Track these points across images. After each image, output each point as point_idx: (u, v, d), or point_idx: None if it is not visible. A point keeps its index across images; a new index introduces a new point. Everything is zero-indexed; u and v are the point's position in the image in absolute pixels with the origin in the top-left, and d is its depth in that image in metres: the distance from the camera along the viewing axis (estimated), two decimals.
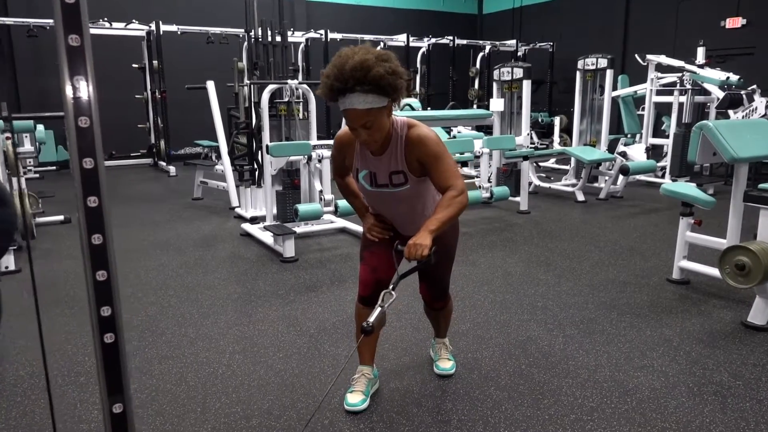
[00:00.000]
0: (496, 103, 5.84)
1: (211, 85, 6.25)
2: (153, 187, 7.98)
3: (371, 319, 1.86)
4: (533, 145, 11.30)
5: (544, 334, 2.91)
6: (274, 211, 4.92)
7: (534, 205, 6.13)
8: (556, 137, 8.87)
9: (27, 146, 5.45)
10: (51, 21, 8.49)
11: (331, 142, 4.50)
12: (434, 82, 12.02)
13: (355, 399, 2.24)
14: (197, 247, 4.70)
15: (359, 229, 5.00)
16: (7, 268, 4.06)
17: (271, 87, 4.81)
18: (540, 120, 11.70)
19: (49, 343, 2.90)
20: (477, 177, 5.85)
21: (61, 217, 5.71)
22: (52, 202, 6.61)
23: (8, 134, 5.11)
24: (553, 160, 8.76)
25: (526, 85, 5.53)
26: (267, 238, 4.60)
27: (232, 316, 3.21)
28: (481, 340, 2.85)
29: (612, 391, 2.35)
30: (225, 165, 6.16)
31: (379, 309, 1.90)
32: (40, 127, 6.36)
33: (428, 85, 12.01)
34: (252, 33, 5.55)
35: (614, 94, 8.12)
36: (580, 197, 6.40)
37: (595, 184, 6.84)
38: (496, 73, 6.09)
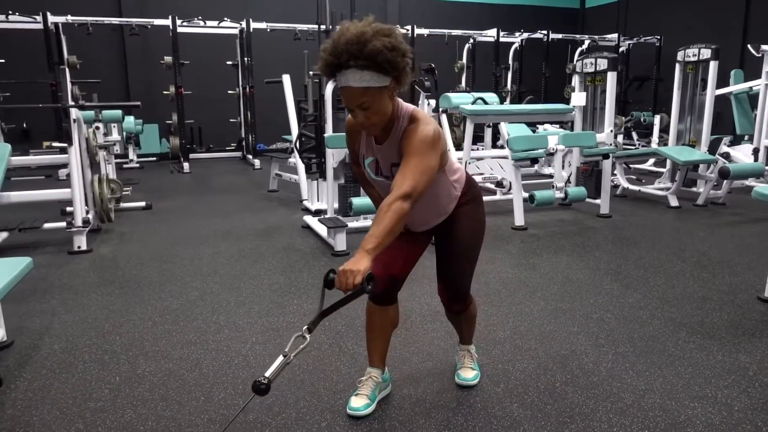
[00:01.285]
0: (578, 97, 5.40)
1: (286, 79, 6.32)
2: (236, 179, 8.25)
3: (268, 372, 1.53)
4: (631, 146, 10.51)
5: (592, 350, 2.58)
6: (335, 204, 4.86)
7: (618, 209, 5.61)
8: (654, 137, 8.14)
9: (114, 135, 5.82)
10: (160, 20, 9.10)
11: None
12: (526, 79, 11.51)
13: (359, 403, 2.08)
14: (257, 236, 4.75)
15: None
16: (79, 247, 4.31)
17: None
18: (642, 119, 10.83)
19: (90, 318, 3.00)
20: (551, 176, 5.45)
21: (143, 203, 6.04)
22: (139, 190, 7.03)
23: (98, 124, 5.45)
24: (651, 161, 8.03)
25: (611, 77, 5.05)
26: (323, 230, 4.55)
27: (267, 306, 3.16)
28: (517, 351, 2.58)
29: (657, 422, 2.01)
30: (297, 158, 6.21)
31: (280, 359, 1.57)
32: (129, 119, 6.75)
33: (519, 81, 11.52)
34: (323, 26, 5.54)
35: (726, 90, 7.30)
36: (674, 202, 5.77)
37: (693, 189, 6.15)
38: (578, 64, 5.64)
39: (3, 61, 9.01)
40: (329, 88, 4.78)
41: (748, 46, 6.76)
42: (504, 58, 11.30)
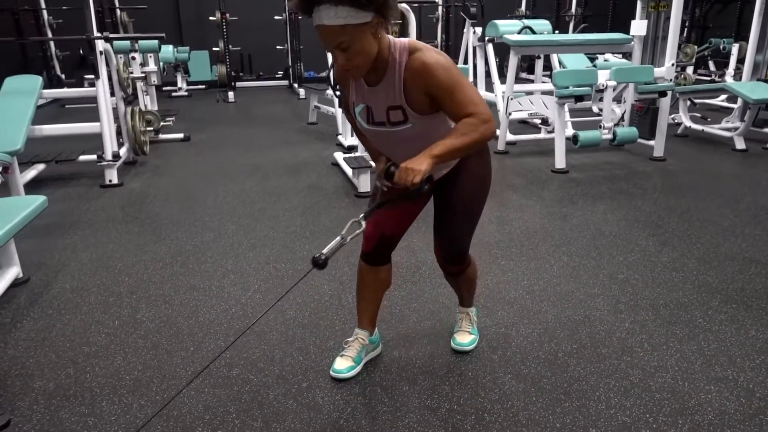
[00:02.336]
0: (637, 26, 4.83)
1: None
2: (279, 110, 8.16)
3: (325, 249, 1.59)
4: (707, 77, 9.58)
5: (608, 316, 2.38)
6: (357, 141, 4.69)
7: (675, 151, 5.15)
8: (730, 69, 7.34)
9: (151, 66, 5.78)
10: None
11: None
12: (593, 2, 10.56)
13: (342, 365, 2.00)
14: (284, 173, 4.67)
15: None
16: (110, 181, 4.38)
17: None
18: (722, 47, 9.79)
19: (105, 257, 3.05)
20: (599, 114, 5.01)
21: (181, 135, 6.06)
22: (183, 120, 7.06)
23: (134, 55, 5.41)
24: (723, 96, 7.29)
25: (676, 2, 4.46)
26: (349, 169, 4.41)
27: (277, 251, 3.11)
28: (524, 314, 2.42)
29: (662, 406, 1.83)
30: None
31: (338, 239, 1.62)
32: (168, 48, 6.68)
33: (585, 5, 10.59)
34: None
35: None
36: (740, 145, 5.23)
37: (766, 130, 5.55)
38: None
39: None
40: None
41: None
42: None
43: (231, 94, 8.97)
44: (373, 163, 2.15)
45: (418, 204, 1.98)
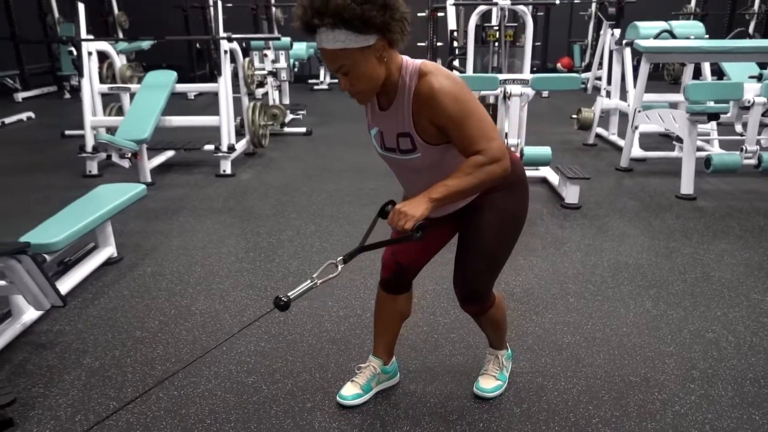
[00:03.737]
0: None
1: (451, 9, 5.88)
2: None
3: (292, 292, 1.50)
4: None
5: (673, 384, 2.02)
6: None
7: None
8: None
9: (281, 62, 6.12)
10: None
11: (521, 75, 3.83)
12: None
13: (349, 391, 1.94)
14: (385, 175, 4.66)
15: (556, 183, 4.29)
16: (224, 171, 4.72)
17: (479, 8, 4.25)
18: None
19: (191, 245, 3.29)
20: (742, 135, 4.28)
21: (303, 129, 6.34)
22: (313, 114, 7.39)
23: (266, 52, 5.76)
24: None
25: None
26: None
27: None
28: (572, 364, 2.14)
29: None
30: None
31: (308, 281, 1.54)
32: (301, 45, 7.00)
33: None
34: None
35: None
36: None
37: None
38: None
39: None
40: (473, 19, 4.32)
41: None
42: None
43: None
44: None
45: (441, 233, 1.84)
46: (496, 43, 4.62)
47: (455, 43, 5.41)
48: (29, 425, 1.85)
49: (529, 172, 4.33)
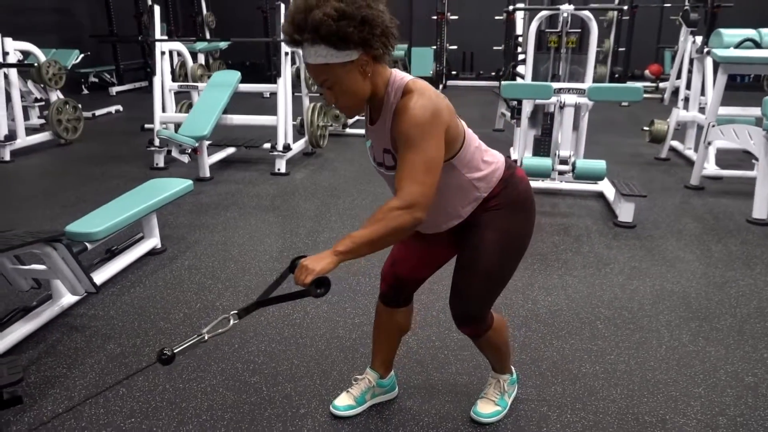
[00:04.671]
0: None
1: (520, 15, 5.71)
2: (473, 112, 8.04)
3: (177, 347, 1.42)
4: None
5: (691, 427, 1.85)
6: (527, 155, 4.38)
7: None
8: None
9: None
10: None
11: (579, 85, 3.65)
12: None
13: (342, 402, 1.93)
14: None
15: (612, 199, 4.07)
16: (279, 170, 4.84)
17: (541, 14, 4.10)
18: None
19: (230, 242, 3.39)
20: None
21: (363, 131, 6.38)
22: None
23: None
24: None
25: None
26: None
27: (369, 280, 3.09)
28: (584, 397, 2.01)
29: None
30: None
31: (194, 338, 1.45)
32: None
33: None
34: None
35: None
36: None
37: None
38: None
39: None
40: (533, 25, 4.16)
41: None
42: None
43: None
44: None
45: (442, 249, 1.79)
46: (562, 50, 4.43)
47: (519, 49, 5.25)
48: (45, 402, 1.98)
49: (584, 186, 4.12)
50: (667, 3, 8.93)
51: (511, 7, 4.73)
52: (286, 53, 4.75)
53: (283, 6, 4.71)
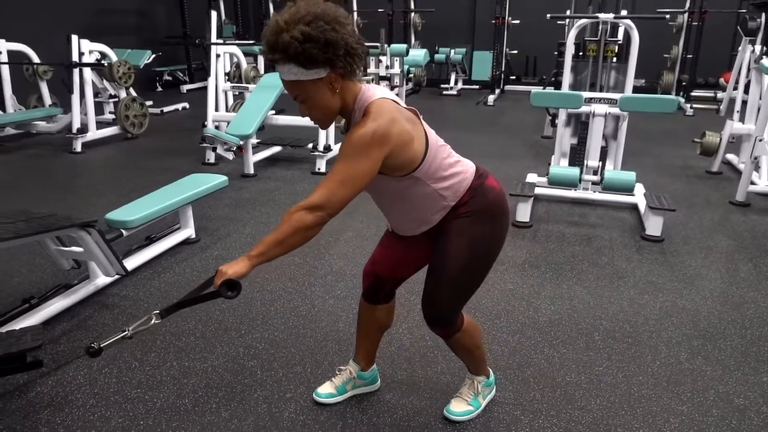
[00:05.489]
0: None
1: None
2: (526, 118, 7.94)
3: (104, 342, 1.55)
4: None
5: None
6: (561, 164, 4.36)
7: None
8: None
9: (395, 68, 6.31)
10: None
11: (611, 96, 3.61)
12: None
13: (324, 390, 2.07)
14: None
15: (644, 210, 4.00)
16: (319, 169, 5.04)
17: (580, 22, 4.06)
18: None
19: (256, 236, 3.60)
20: None
21: None
22: (429, 120, 7.50)
23: (381, 58, 6.02)
24: None
25: None
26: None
27: None
28: (560, 406, 2.04)
29: None
30: None
31: (118, 335, 1.57)
32: (419, 52, 7.12)
33: None
34: None
35: None
36: None
37: None
38: None
39: None
40: (572, 33, 4.13)
41: None
42: None
43: (491, 97, 9.08)
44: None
45: (421, 251, 1.88)
46: (606, 59, 4.37)
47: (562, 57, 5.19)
48: (67, 371, 2.23)
49: (617, 198, 4.05)
50: (743, 9, 8.46)
51: (548, 15, 4.70)
52: None
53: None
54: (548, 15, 4.68)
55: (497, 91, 9.50)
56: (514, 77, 10.78)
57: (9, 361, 1.90)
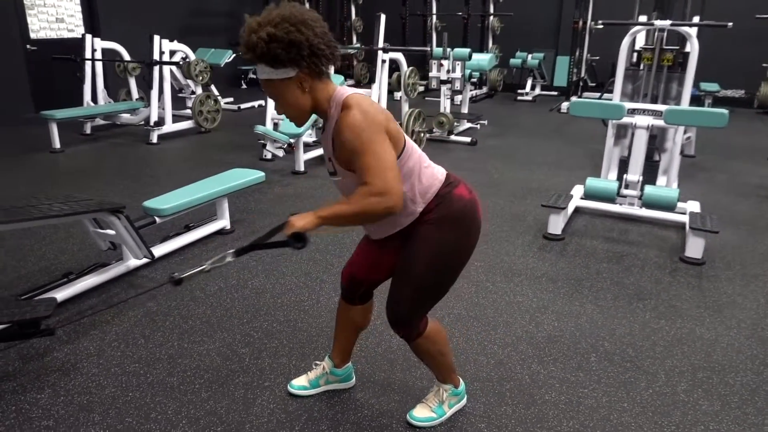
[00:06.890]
0: None
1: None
2: (598, 127, 7.61)
3: (186, 273, 1.68)
4: None
5: None
6: (611, 175, 4.18)
7: None
8: None
9: (457, 72, 6.25)
10: None
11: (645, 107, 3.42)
12: None
13: (298, 382, 2.15)
14: (517, 198, 4.57)
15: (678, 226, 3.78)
16: None
17: (634, 29, 3.87)
18: None
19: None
20: None
21: (468, 139, 6.45)
22: (496, 124, 7.41)
23: (443, 62, 6.03)
24: None
25: None
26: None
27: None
28: (530, 423, 1.99)
29: None
30: None
31: (199, 267, 1.70)
32: (484, 56, 7.01)
33: None
34: None
35: None
36: None
37: None
38: None
39: None
40: (626, 41, 3.95)
41: None
42: None
43: (565, 104, 8.78)
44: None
45: (392, 257, 1.92)
46: (664, 68, 4.13)
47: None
48: (83, 340, 2.47)
49: (664, 215, 3.81)
50: None
51: (600, 22, 4.49)
52: (383, 61, 5.02)
53: (383, 16, 4.97)
54: (600, 22, 4.48)
55: (573, 98, 9.14)
56: (594, 84, 10.33)
57: (23, 326, 2.14)
